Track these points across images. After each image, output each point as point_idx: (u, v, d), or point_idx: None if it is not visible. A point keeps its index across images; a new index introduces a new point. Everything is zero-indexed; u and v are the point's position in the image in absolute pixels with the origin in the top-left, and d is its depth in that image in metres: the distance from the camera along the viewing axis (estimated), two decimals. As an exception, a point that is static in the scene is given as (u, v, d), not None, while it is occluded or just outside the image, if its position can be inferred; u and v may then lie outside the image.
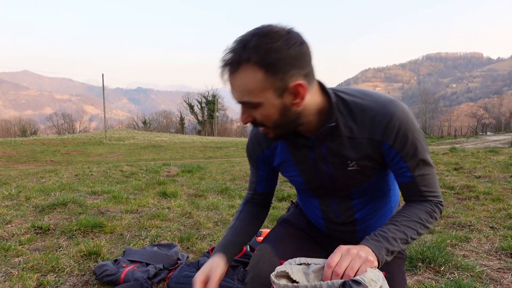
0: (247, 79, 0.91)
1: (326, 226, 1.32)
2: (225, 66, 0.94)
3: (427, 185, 1.07)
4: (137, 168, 7.31)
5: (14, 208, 3.68)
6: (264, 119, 0.98)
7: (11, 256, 2.38)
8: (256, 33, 0.90)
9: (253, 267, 1.19)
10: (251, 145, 1.27)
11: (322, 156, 1.11)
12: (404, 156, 1.03)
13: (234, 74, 0.93)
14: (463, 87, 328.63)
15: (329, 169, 1.13)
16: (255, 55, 0.89)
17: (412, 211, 1.06)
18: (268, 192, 1.36)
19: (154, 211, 3.60)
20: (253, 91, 0.93)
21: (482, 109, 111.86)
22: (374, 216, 1.25)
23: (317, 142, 1.07)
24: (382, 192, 1.22)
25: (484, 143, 18.46)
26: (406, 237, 1.01)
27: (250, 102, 0.95)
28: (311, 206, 1.32)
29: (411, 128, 1.02)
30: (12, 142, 26.84)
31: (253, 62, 0.89)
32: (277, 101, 0.95)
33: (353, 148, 1.06)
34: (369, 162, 1.08)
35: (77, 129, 77.96)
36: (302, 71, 0.93)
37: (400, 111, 1.01)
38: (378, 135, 1.03)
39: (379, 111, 1.02)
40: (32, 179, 6.06)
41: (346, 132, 1.05)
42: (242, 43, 0.90)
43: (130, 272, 1.99)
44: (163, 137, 39.65)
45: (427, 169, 1.06)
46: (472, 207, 3.65)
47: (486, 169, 6.09)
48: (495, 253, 2.42)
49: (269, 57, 0.89)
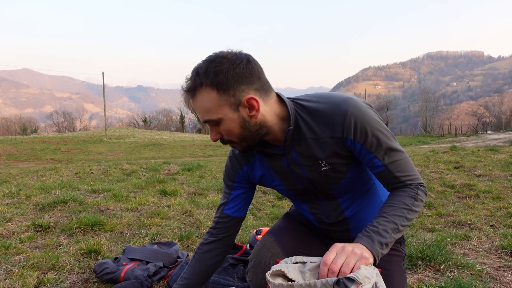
0: (204, 100, 1.03)
1: (321, 228, 1.35)
2: (186, 93, 1.07)
3: (402, 170, 1.10)
4: (137, 167, 7.31)
5: (15, 206, 3.68)
6: (228, 133, 1.08)
7: (11, 254, 2.38)
8: (206, 60, 1.04)
9: (255, 255, 1.24)
10: (229, 164, 1.32)
11: (294, 161, 1.16)
12: (369, 148, 1.08)
13: (194, 98, 1.05)
14: (463, 85, 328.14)
15: (304, 172, 1.18)
16: (206, 79, 1.01)
17: (396, 199, 1.08)
18: (234, 217, 1.33)
19: (154, 209, 3.60)
20: (211, 109, 1.04)
21: (482, 108, 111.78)
22: (365, 213, 1.28)
23: (286, 148, 1.14)
24: (366, 187, 1.25)
25: (485, 142, 18.45)
26: (396, 226, 1.02)
27: (211, 120, 1.06)
28: (303, 211, 1.37)
29: (367, 120, 1.07)
30: (13, 140, 26.84)
31: (205, 85, 1.02)
32: (235, 115, 1.05)
33: (320, 148, 1.12)
34: (338, 159, 1.13)
35: (78, 127, 77.95)
36: (252, 86, 1.04)
37: (352, 106, 1.07)
38: (339, 133, 1.09)
39: (334, 111, 1.08)
40: (32, 177, 6.06)
41: (309, 134, 1.12)
42: (195, 71, 1.04)
43: (130, 270, 1.99)
44: (163, 135, 39.67)
45: (397, 155, 1.10)
46: (472, 206, 3.65)
47: (486, 167, 6.09)
48: (495, 252, 2.42)
49: (218, 78, 1.01)
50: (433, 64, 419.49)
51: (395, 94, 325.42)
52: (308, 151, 1.13)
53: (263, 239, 1.29)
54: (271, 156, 1.20)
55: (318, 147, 1.12)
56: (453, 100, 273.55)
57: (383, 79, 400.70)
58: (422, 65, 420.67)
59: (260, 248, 1.24)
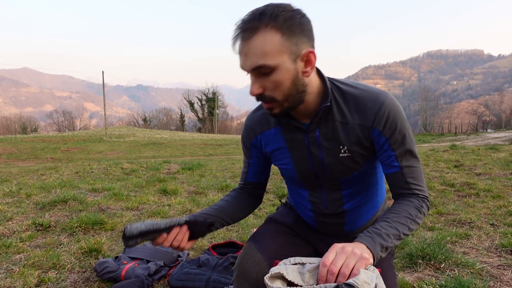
0: (266, 42, 0.94)
1: (315, 219, 1.34)
2: (243, 31, 0.96)
3: (414, 178, 1.10)
4: (138, 166, 7.31)
5: (15, 205, 3.69)
6: (277, 86, 1.00)
7: (12, 253, 2.38)
8: (269, 5, 0.97)
9: (238, 265, 1.21)
10: (245, 132, 1.30)
11: (316, 140, 1.14)
12: (392, 144, 1.08)
13: (251, 39, 0.95)
14: (463, 84, 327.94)
15: (322, 155, 1.15)
16: (273, 20, 0.94)
17: (401, 207, 1.07)
18: (258, 183, 1.36)
19: (155, 208, 3.60)
20: (270, 53, 0.95)
21: (482, 106, 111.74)
22: (361, 209, 1.28)
23: (312, 125, 1.12)
24: (370, 185, 1.25)
25: (485, 140, 18.45)
26: (398, 232, 1.01)
27: (266, 66, 0.96)
28: (301, 199, 1.34)
29: (400, 117, 1.08)
30: (13, 139, 26.83)
31: (270, 26, 0.94)
32: (291, 66, 0.98)
33: (346, 133, 1.11)
34: (360, 148, 1.12)
35: (78, 127, 78.00)
36: (310, 41, 0.99)
37: (390, 100, 1.08)
38: (369, 122, 1.08)
39: (370, 99, 1.08)
40: (32, 176, 6.06)
41: (339, 117, 1.10)
42: (258, 11, 0.96)
43: (131, 269, 2.00)
44: (163, 134, 39.65)
45: (414, 162, 1.10)
46: (472, 204, 3.66)
47: (486, 166, 6.10)
48: (495, 250, 2.43)
49: (285, 22, 0.94)
50: (433, 62, 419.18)
51: (395, 92, 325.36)
52: (333, 133, 1.11)
53: (244, 247, 1.25)
54: (292, 131, 1.16)
55: (344, 131, 1.10)
56: (453, 98, 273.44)
57: (383, 77, 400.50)
58: (422, 64, 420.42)
59: (242, 257, 1.21)
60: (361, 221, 1.32)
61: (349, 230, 1.33)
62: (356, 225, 1.32)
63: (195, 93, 68.75)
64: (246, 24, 0.96)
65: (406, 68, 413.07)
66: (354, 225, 1.31)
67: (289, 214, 1.43)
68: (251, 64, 0.97)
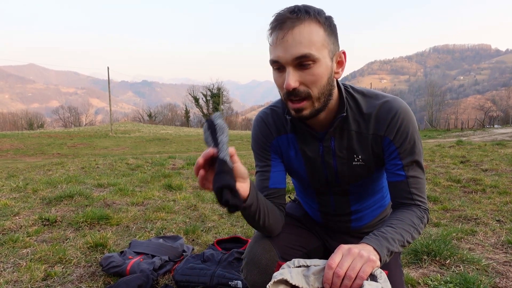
0: (312, 32, 0.94)
1: (322, 217, 1.35)
2: (289, 19, 0.93)
3: (418, 189, 1.09)
4: (143, 161, 7.34)
5: (22, 200, 3.72)
6: (315, 81, 0.97)
7: (19, 247, 2.41)
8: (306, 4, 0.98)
9: (248, 253, 1.20)
10: (260, 134, 1.21)
11: (330, 150, 1.13)
12: (401, 153, 1.07)
13: (299, 27, 0.93)
14: (470, 79, 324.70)
15: (335, 163, 1.15)
16: (319, 16, 0.96)
17: (405, 216, 1.06)
18: (282, 189, 1.23)
19: (160, 203, 3.62)
20: (316, 43, 0.94)
21: (489, 102, 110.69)
22: (368, 209, 1.29)
23: (327, 134, 1.11)
24: (378, 187, 1.25)
25: (491, 136, 18.28)
26: (403, 239, 1.00)
27: (311, 55, 0.93)
28: (308, 198, 1.34)
29: (412, 125, 1.07)
30: (20, 135, 27.06)
31: (316, 20, 0.95)
32: (329, 63, 0.99)
33: (360, 143, 1.10)
34: (372, 157, 1.12)
35: (83, 122, 78.38)
36: (339, 45, 1.03)
37: (404, 107, 1.07)
38: (382, 131, 1.08)
39: (384, 109, 1.07)
40: (39, 171, 6.12)
41: (354, 126, 1.10)
42: (303, 7, 0.96)
43: (136, 263, 2.01)
44: (168, 130, 39.77)
45: (420, 173, 1.10)
46: (479, 200, 3.63)
47: (493, 162, 6.04)
48: (501, 247, 2.41)
49: (326, 20, 0.97)
50: (440, 57, 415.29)
51: (400, 88, 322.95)
52: (348, 142, 1.11)
53: (254, 235, 1.24)
54: (307, 139, 1.15)
55: (359, 141, 1.10)
56: (460, 94, 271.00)
57: (389, 73, 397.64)
58: (428, 59, 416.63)
59: (252, 245, 1.20)
60: (368, 218, 1.31)
61: (356, 227, 1.33)
62: (363, 222, 1.31)
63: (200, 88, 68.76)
64: (292, 14, 0.94)
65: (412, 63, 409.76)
66: (361, 222, 1.31)
67: (298, 209, 1.43)
68: (295, 52, 0.92)
